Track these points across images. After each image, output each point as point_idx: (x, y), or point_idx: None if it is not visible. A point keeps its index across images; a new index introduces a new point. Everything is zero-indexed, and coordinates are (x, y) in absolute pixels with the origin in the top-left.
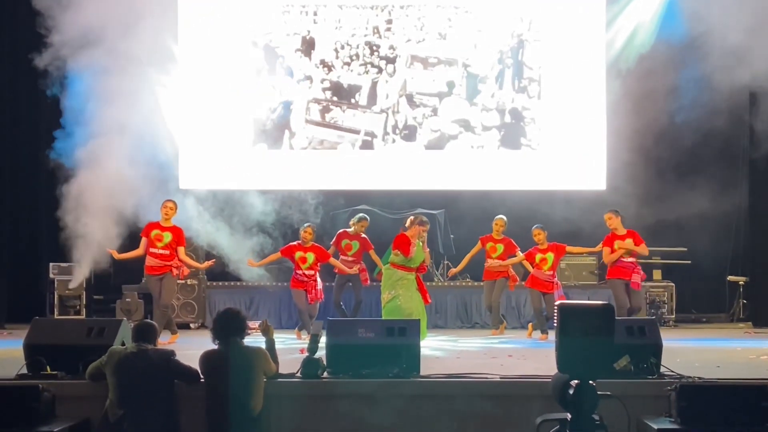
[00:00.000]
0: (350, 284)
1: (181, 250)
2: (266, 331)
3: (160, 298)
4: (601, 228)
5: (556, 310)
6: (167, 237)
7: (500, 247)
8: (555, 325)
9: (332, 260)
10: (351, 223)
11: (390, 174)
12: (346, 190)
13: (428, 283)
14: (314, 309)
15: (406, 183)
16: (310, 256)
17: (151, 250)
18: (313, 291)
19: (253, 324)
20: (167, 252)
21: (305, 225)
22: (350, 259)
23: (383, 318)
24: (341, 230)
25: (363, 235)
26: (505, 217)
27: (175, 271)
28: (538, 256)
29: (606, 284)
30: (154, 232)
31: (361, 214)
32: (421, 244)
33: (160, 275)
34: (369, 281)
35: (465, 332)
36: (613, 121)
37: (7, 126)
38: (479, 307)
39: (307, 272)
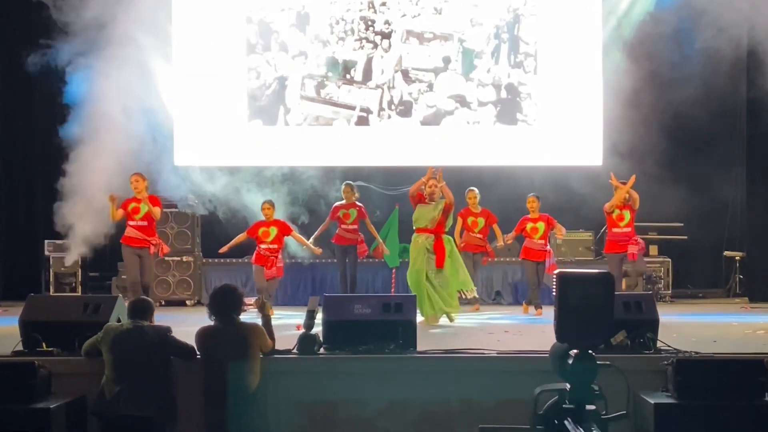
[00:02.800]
0: (348, 260)
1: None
2: (262, 308)
3: (140, 277)
4: (598, 204)
5: (554, 279)
6: (143, 209)
7: (480, 221)
8: (553, 294)
9: (295, 234)
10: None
11: (386, 150)
12: (342, 166)
13: None
14: (272, 286)
15: (402, 159)
16: (273, 230)
17: (130, 222)
18: (273, 267)
19: (249, 300)
20: (145, 223)
21: (263, 201)
22: (350, 227)
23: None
24: (335, 203)
25: (358, 203)
26: (476, 189)
27: (153, 249)
28: (529, 225)
29: (604, 259)
30: (132, 205)
31: (346, 182)
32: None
33: (138, 248)
34: (367, 252)
35: (461, 308)
36: (610, 97)
37: (1, 102)
38: (480, 284)
39: (270, 246)
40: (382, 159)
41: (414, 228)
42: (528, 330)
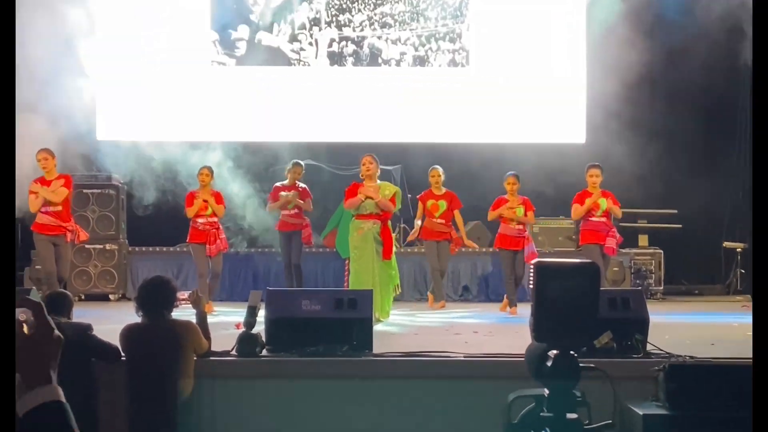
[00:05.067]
0: (292, 248)
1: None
2: (197, 303)
3: (56, 267)
4: (579, 186)
5: (532, 270)
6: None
7: (442, 204)
8: (531, 285)
9: (215, 205)
10: (286, 172)
11: (338, 124)
12: (289, 142)
13: None
14: (218, 263)
15: (356, 134)
16: (212, 201)
17: (42, 208)
18: (216, 241)
19: (183, 295)
20: (59, 208)
21: (201, 167)
22: (292, 212)
23: (351, 285)
24: (276, 184)
25: (301, 185)
26: (440, 168)
27: (69, 236)
28: (506, 210)
29: (582, 250)
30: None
31: (294, 161)
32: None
33: (53, 236)
34: (311, 238)
35: (424, 306)
36: (594, 69)
37: None
38: (445, 278)
39: (210, 219)
40: (334, 134)
41: (353, 214)
42: (500, 330)
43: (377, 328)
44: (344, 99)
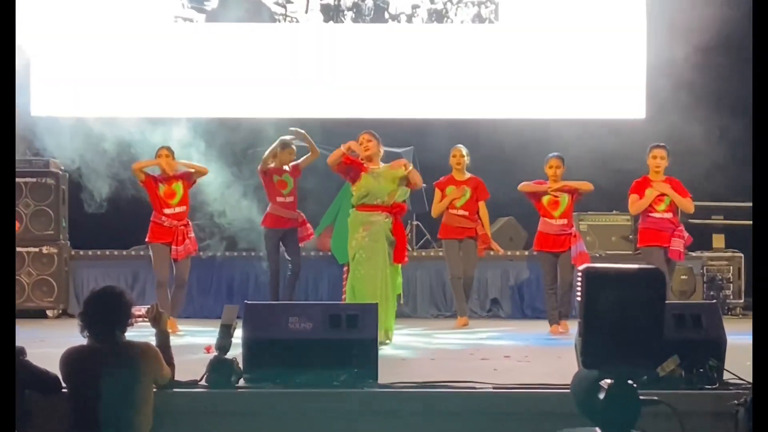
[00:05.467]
0: (284, 245)
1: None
2: (157, 321)
3: None
4: (637, 172)
5: (579, 277)
6: None
7: (466, 192)
8: (577, 298)
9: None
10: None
11: (334, 97)
12: (274, 118)
13: None
14: (184, 270)
15: (357, 109)
16: (178, 187)
17: None
18: (184, 240)
19: (139, 310)
20: None
21: (159, 147)
22: (288, 200)
23: (348, 297)
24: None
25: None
26: (464, 148)
27: None
28: (547, 199)
29: (641, 254)
30: None
31: (282, 139)
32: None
33: None
34: (312, 238)
35: (442, 323)
36: (658, 26)
37: None
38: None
39: (177, 210)
40: (330, 109)
41: (355, 205)
42: (539, 354)
43: (383, 351)
44: (342, 64)
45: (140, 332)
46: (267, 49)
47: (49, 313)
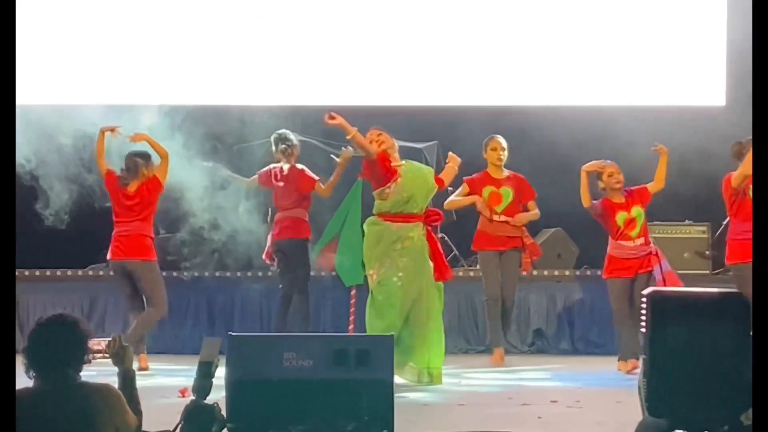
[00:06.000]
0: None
1: None
2: (120, 357)
3: None
4: (717, 166)
5: (643, 303)
6: None
7: (506, 194)
8: (642, 330)
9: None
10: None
11: (338, 80)
12: (265, 106)
13: None
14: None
15: (365, 95)
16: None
17: None
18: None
19: (99, 344)
20: None
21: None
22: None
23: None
24: (261, 170)
25: (299, 166)
26: (502, 139)
27: None
28: (621, 217)
29: (729, 274)
30: None
31: (281, 132)
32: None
33: None
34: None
35: (474, 360)
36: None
37: None
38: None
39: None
40: (331, 95)
41: (382, 213)
42: (594, 398)
43: (403, 395)
44: (347, 40)
45: (99, 370)
46: (255, 20)
47: None
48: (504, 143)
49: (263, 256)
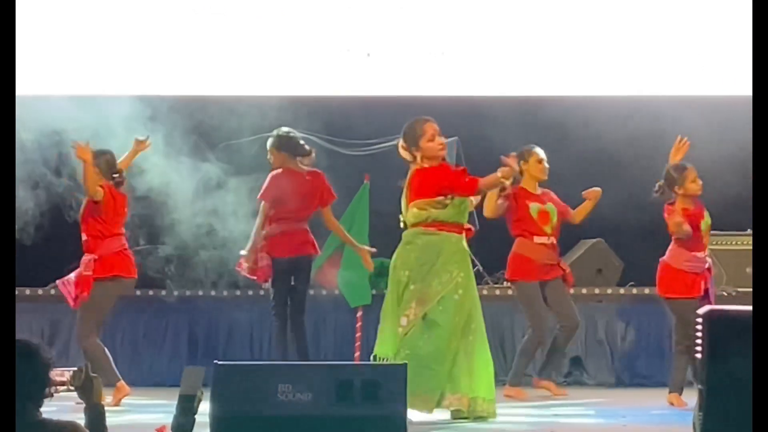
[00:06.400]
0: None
1: None
2: (87, 389)
3: None
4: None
5: (699, 324)
6: None
7: (553, 211)
8: (697, 355)
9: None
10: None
11: (344, 66)
12: (259, 96)
13: None
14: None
15: (375, 84)
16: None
17: None
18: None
19: (62, 375)
20: None
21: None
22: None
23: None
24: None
25: (310, 169)
26: (541, 150)
27: None
28: (705, 224)
29: None
30: None
31: (281, 131)
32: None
33: None
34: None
35: (502, 392)
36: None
37: None
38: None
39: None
40: (335, 84)
41: (449, 221)
42: None
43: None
44: (352, 21)
45: (63, 405)
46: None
47: None
48: (542, 155)
49: (254, 276)
